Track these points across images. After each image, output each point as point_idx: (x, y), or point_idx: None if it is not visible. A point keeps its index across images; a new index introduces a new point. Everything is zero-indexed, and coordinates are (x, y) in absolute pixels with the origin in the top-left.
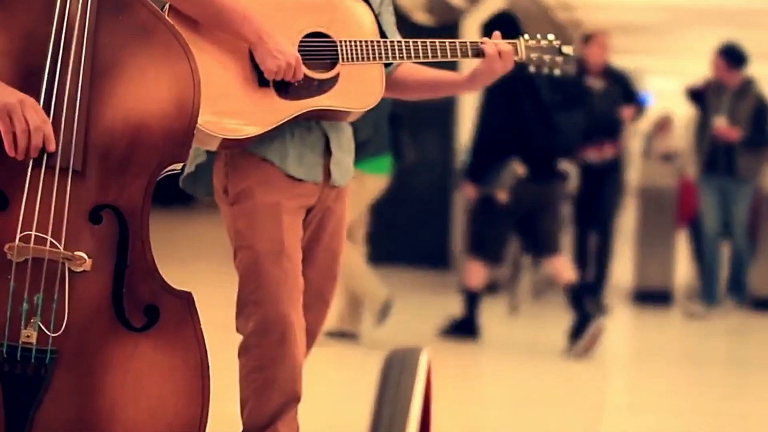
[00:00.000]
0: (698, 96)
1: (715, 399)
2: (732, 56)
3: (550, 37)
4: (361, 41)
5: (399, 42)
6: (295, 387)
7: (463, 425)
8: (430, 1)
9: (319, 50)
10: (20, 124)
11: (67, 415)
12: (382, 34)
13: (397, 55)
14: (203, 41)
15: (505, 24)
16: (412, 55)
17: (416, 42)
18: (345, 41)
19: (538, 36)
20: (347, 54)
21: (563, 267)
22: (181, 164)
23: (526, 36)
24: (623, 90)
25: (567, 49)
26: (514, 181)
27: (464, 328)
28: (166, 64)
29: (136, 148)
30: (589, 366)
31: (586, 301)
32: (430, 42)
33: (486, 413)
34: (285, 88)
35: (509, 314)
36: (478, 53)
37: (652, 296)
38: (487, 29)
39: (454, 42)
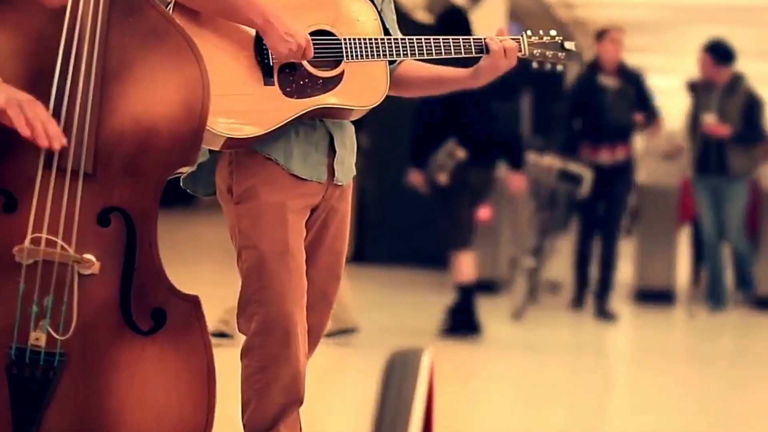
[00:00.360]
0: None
1: (718, 398)
2: (718, 53)
3: (553, 32)
4: (365, 39)
5: (403, 39)
6: (298, 388)
7: (465, 426)
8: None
9: (324, 48)
10: (31, 112)
11: (74, 417)
12: (386, 32)
13: (401, 52)
14: (207, 40)
15: (455, 18)
16: (416, 52)
17: (420, 39)
18: (349, 39)
19: (541, 32)
20: (352, 52)
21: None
22: (189, 167)
23: (529, 32)
24: (636, 91)
25: (569, 45)
26: (455, 164)
27: (465, 326)
28: (175, 67)
29: (145, 151)
30: (591, 365)
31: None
32: (434, 39)
33: (488, 414)
34: (290, 86)
35: (513, 319)
36: (482, 50)
37: (653, 296)
38: (439, 25)
39: (458, 39)
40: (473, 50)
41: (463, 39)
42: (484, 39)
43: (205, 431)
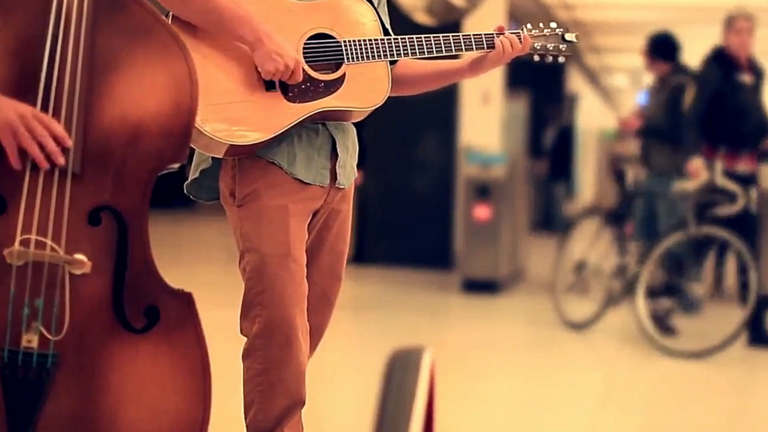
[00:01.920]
0: None
1: (718, 398)
2: (654, 47)
3: (553, 24)
4: (365, 40)
5: (403, 39)
6: (300, 390)
7: (467, 426)
8: (430, 1)
9: (325, 51)
10: (25, 138)
11: (70, 417)
12: (386, 32)
13: (401, 52)
14: (209, 47)
15: None
16: (417, 51)
17: (420, 38)
18: (349, 41)
19: (541, 24)
20: (352, 54)
21: None
22: (179, 164)
23: (529, 25)
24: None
25: (570, 36)
26: None
27: None
28: (163, 63)
29: (135, 148)
30: (592, 366)
31: None
32: (434, 37)
33: (490, 414)
34: (292, 91)
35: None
36: (484, 47)
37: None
38: None
39: (458, 36)
40: (474, 47)
41: (463, 36)
42: (484, 35)
43: (201, 426)
